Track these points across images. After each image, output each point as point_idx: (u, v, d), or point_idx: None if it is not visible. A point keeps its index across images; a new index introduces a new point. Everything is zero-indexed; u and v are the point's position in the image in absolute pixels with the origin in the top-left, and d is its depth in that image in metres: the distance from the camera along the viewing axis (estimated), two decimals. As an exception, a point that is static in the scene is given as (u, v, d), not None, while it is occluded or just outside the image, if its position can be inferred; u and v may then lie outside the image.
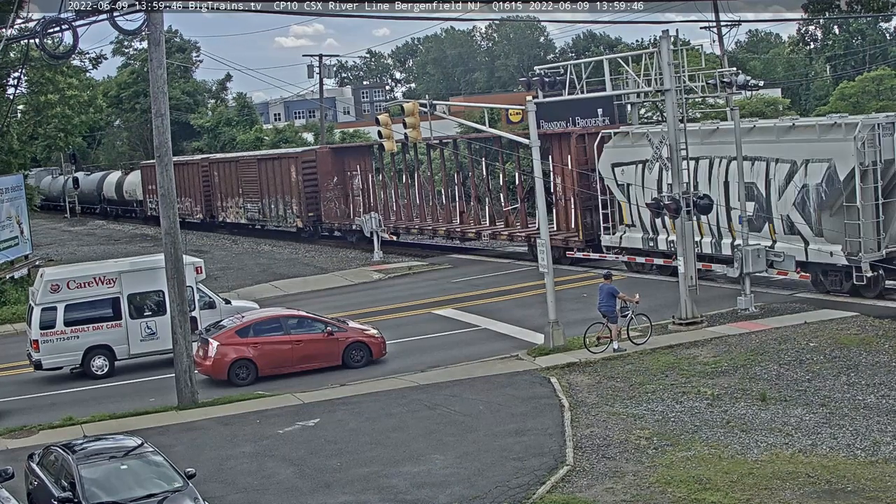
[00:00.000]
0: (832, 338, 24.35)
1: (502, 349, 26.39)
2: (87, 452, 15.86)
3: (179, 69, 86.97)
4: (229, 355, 24.97)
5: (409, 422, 20.53)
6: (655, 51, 27.72)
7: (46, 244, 57.81)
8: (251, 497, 17.04)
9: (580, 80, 29.13)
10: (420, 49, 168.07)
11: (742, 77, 29.28)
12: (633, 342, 25.32)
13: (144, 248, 53.35)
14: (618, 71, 31.64)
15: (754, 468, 16.67)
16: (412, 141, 27.31)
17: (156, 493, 15.01)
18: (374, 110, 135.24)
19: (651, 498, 15.78)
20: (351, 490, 16.93)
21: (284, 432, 20.40)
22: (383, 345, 26.45)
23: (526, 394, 21.90)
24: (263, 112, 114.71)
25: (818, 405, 19.74)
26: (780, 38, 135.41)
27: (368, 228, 44.88)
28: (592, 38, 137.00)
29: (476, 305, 32.57)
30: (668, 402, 20.62)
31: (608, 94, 31.01)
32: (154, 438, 18.39)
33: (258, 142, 79.21)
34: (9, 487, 16.39)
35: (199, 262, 28.62)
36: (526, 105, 26.35)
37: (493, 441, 18.88)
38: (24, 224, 40.91)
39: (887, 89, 79.24)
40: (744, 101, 61.65)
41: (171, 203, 23.11)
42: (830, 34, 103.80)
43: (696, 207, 27.21)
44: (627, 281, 32.85)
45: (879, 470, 16.32)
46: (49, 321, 26.42)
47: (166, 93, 23.07)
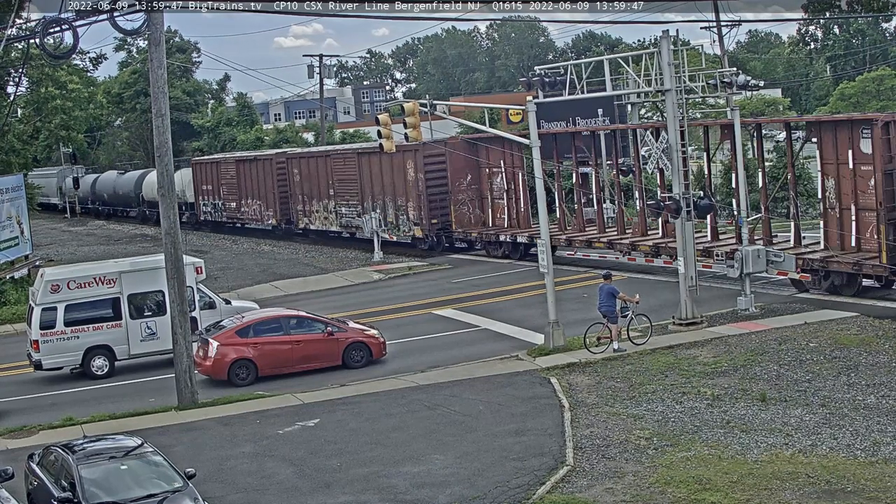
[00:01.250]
0: (832, 338, 24.36)
1: (502, 349, 26.40)
2: (87, 452, 15.85)
3: (180, 69, 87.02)
4: (229, 355, 24.97)
5: (409, 422, 20.53)
6: (656, 51, 27.68)
7: (46, 244, 57.79)
8: (251, 497, 17.04)
9: (580, 81, 29.08)
10: (420, 49, 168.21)
11: (742, 77, 29.23)
12: (633, 342, 25.32)
13: (144, 248, 53.35)
14: (618, 71, 31.59)
15: (754, 468, 16.67)
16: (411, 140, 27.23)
17: (156, 494, 15.01)
18: (375, 110, 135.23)
19: (651, 498, 15.77)
20: (351, 490, 16.94)
21: (284, 432, 20.40)
22: (383, 345, 26.45)
23: (526, 394, 21.90)
24: (264, 112, 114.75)
25: (818, 405, 19.74)
26: (780, 38, 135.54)
27: (368, 228, 44.86)
28: (593, 38, 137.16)
29: (476, 305, 32.57)
30: (668, 402, 20.61)
31: (608, 94, 30.94)
32: (154, 438, 18.39)
33: (258, 142, 79.24)
34: (9, 487, 16.39)
35: (200, 262, 28.62)
36: (526, 105, 26.37)
37: (493, 441, 18.88)
38: (24, 224, 40.88)
39: (887, 89, 79.21)
40: (744, 101, 61.74)
41: (172, 203, 23.12)
42: (831, 34, 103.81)
43: (696, 208, 27.23)
44: (627, 281, 32.87)
45: (879, 470, 16.31)
46: (49, 321, 26.42)
47: (167, 93, 23.08)
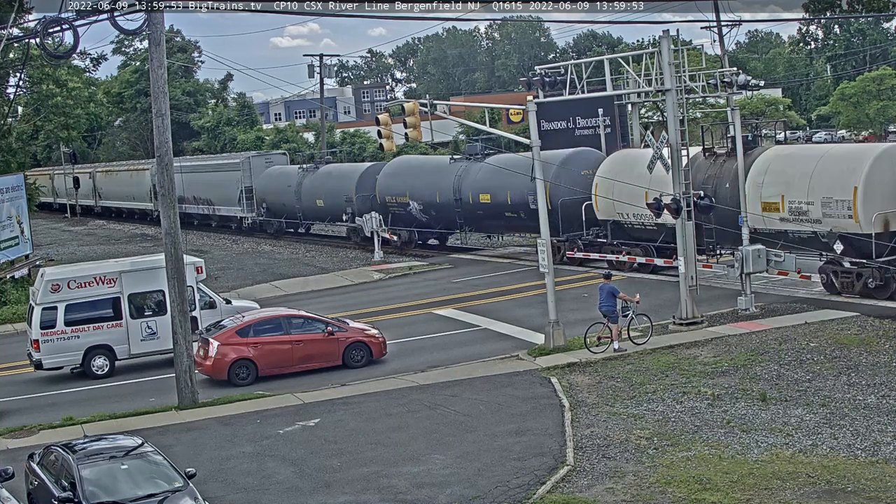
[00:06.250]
0: (832, 338, 24.36)
1: (502, 349, 26.39)
2: (88, 452, 15.84)
3: (181, 69, 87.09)
4: (229, 355, 24.96)
5: (409, 422, 20.53)
6: (656, 51, 27.69)
7: (47, 244, 57.82)
8: (251, 497, 17.03)
9: (581, 80, 29.09)
10: (420, 49, 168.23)
11: (743, 77, 29.27)
12: (633, 342, 25.32)
13: (144, 248, 53.37)
14: (618, 71, 31.62)
15: (754, 468, 16.66)
16: (413, 141, 27.30)
17: (156, 493, 15.00)
18: (375, 110, 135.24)
19: (651, 498, 15.77)
20: (351, 490, 16.93)
21: (284, 432, 20.39)
22: (383, 345, 26.44)
23: (526, 394, 21.89)
24: (264, 112, 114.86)
25: (818, 405, 19.73)
26: (781, 38, 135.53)
27: (368, 228, 44.85)
28: (594, 38, 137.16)
29: (476, 305, 32.56)
30: (669, 402, 20.61)
31: (609, 94, 30.99)
32: (154, 438, 18.38)
33: (258, 142, 79.33)
34: (9, 487, 16.38)
35: (200, 261, 28.61)
36: (526, 105, 26.36)
37: (494, 441, 18.87)
38: (24, 224, 40.89)
39: (888, 89, 79.23)
40: (744, 101, 61.76)
41: (172, 203, 23.11)
42: (831, 34, 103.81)
43: (697, 208, 27.23)
44: (627, 281, 32.86)
45: (880, 470, 16.30)
46: (49, 321, 26.40)
47: (167, 93, 23.06)
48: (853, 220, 28.00)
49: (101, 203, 78.34)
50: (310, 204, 51.90)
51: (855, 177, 28.04)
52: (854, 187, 27.89)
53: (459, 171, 42.98)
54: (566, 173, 36.96)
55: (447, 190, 43.18)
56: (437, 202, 43.87)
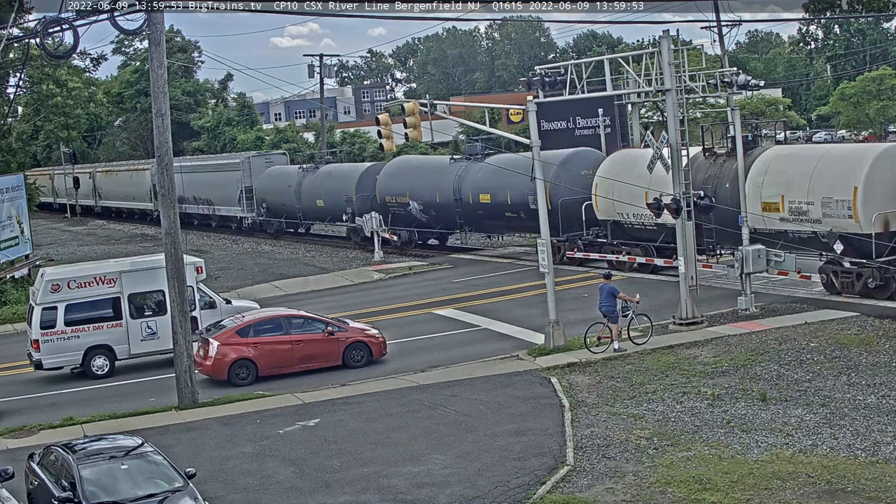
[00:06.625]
0: (832, 338, 24.36)
1: (502, 349, 26.39)
2: (88, 452, 15.84)
3: (181, 69, 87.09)
4: (229, 355, 24.96)
5: (409, 422, 20.53)
6: (656, 51, 27.69)
7: (47, 244, 57.81)
8: (251, 497, 17.03)
9: (581, 80, 29.09)
10: (420, 49, 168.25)
11: (743, 77, 29.28)
12: (633, 342, 25.31)
13: (144, 248, 53.36)
14: (618, 71, 31.62)
15: (754, 468, 16.66)
16: (413, 141, 27.30)
17: (156, 493, 15.00)
18: (375, 110, 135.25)
19: (651, 498, 15.77)
20: (351, 490, 16.93)
21: (284, 432, 20.39)
22: (383, 345, 26.44)
23: (526, 394, 21.89)
24: (264, 112, 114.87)
25: (818, 405, 19.73)
26: (781, 38, 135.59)
27: (368, 228, 44.86)
28: (594, 38, 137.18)
29: (476, 305, 32.56)
30: (669, 402, 20.61)
31: (609, 94, 30.99)
32: (154, 438, 18.38)
33: (258, 142, 79.32)
34: (9, 487, 16.38)
35: (200, 261, 28.61)
36: (526, 105, 26.36)
37: (494, 441, 18.87)
38: (24, 224, 40.88)
39: (888, 89, 79.23)
40: (744, 101, 61.77)
41: (172, 203, 23.11)
42: (831, 34, 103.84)
43: (697, 208, 27.23)
44: (627, 281, 32.86)
45: (880, 470, 16.30)
46: (49, 321, 26.40)
47: (167, 93, 23.06)
48: (853, 220, 28.01)
49: (101, 203, 78.35)
50: (310, 204, 51.84)
51: (855, 177, 28.06)
52: (854, 187, 27.91)
53: (459, 171, 43.00)
54: (566, 173, 36.97)
55: (447, 190, 43.18)
56: (437, 202, 43.87)
